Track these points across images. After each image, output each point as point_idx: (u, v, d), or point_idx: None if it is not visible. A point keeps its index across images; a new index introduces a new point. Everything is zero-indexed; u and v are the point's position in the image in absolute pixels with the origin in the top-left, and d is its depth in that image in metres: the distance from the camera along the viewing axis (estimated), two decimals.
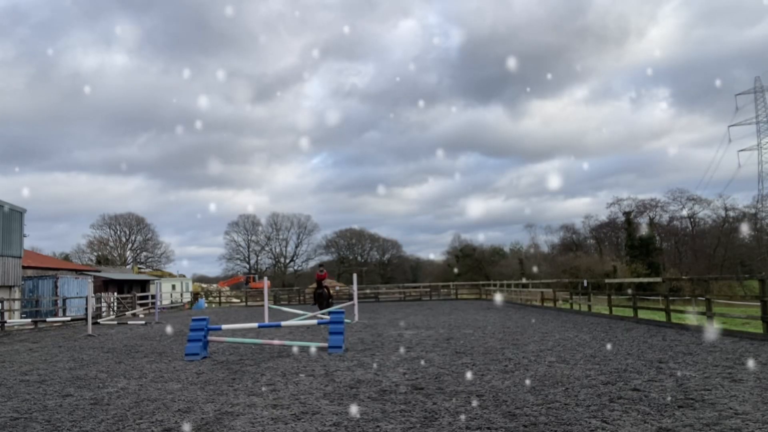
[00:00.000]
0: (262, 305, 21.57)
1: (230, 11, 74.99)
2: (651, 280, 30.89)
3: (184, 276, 61.94)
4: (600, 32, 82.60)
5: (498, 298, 34.23)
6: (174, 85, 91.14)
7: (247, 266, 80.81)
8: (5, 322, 21.45)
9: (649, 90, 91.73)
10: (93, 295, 22.36)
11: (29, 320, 22.72)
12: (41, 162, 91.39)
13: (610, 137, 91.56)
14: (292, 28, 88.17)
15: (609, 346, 10.94)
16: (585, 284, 23.51)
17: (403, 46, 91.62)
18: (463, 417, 5.72)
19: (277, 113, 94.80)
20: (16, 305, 26.15)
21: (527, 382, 7.47)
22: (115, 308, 32.97)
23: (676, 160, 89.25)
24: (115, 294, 35.81)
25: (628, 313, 18.97)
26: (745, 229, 58.15)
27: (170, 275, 61.51)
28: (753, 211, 61.86)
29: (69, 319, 24.17)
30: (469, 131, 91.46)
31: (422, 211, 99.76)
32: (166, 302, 43.00)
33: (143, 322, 23.31)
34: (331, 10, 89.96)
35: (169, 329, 18.18)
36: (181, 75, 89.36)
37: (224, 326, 12.44)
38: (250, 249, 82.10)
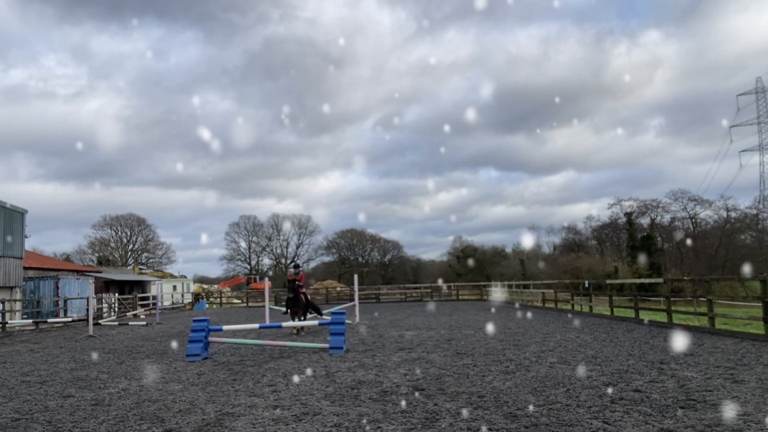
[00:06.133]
0: (263, 306, 21.58)
1: (310, 61, 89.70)
2: (653, 281, 30.82)
3: (185, 277, 61.98)
4: (609, 87, 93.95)
5: (497, 295, 34.22)
6: (246, 115, 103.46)
7: (248, 267, 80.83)
8: (6, 323, 21.47)
9: (647, 123, 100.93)
10: (94, 296, 22.37)
11: (30, 321, 22.73)
12: (115, 179, 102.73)
13: (613, 155, 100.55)
14: (364, 83, 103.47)
15: (610, 348, 10.92)
16: (586, 285, 23.45)
17: (450, 94, 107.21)
18: (464, 418, 5.71)
19: (331, 141, 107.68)
20: (18, 306, 26.18)
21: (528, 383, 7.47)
22: (116, 309, 32.99)
23: (675, 176, 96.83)
24: (116, 295, 35.84)
25: (630, 313, 18.95)
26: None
27: (171, 276, 61.57)
28: (755, 212, 61.78)
29: (70, 320, 24.17)
30: (490, 153, 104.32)
31: (435, 216, 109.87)
32: (167, 303, 43.03)
33: (144, 322, 23.32)
34: (400, 74, 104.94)
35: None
36: (252, 106, 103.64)
37: (225, 327, 12.45)
38: (251, 250, 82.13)
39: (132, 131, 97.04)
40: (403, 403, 6.50)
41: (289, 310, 15.99)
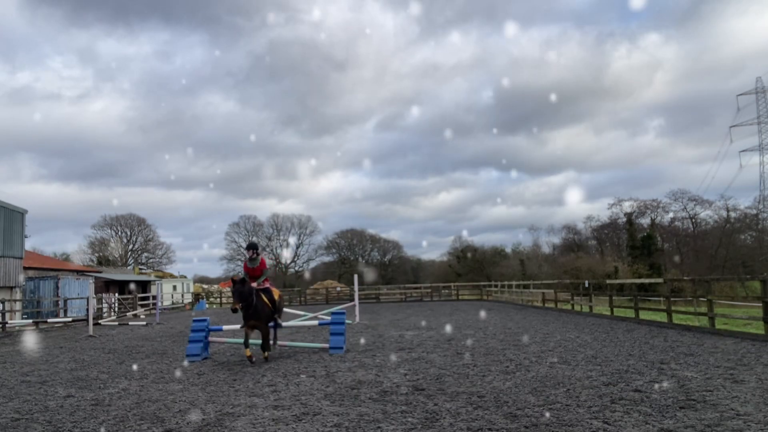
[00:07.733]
0: None
1: (314, 65, 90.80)
2: (652, 281, 30.82)
3: (185, 277, 61.98)
4: (609, 88, 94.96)
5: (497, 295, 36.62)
6: (249, 117, 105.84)
7: None
8: (6, 323, 21.46)
9: (647, 123, 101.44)
10: (94, 295, 22.37)
11: (30, 321, 22.73)
12: (118, 180, 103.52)
13: (613, 156, 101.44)
14: (366, 85, 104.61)
15: (609, 348, 10.92)
16: (586, 285, 23.44)
17: (451, 95, 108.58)
18: (464, 418, 5.71)
19: (333, 142, 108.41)
20: (18, 306, 26.17)
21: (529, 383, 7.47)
22: (116, 309, 32.98)
23: (675, 176, 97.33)
24: (116, 295, 35.84)
25: (630, 313, 18.95)
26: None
27: (171, 276, 61.55)
28: (755, 212, 61.76)
29: (70, 319, 24.17)
30: (491, 153, 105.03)
31: (436, 217, 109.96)
32: (167, 303, 43.02)
33: (144, 322, 23.31)
34: (402, 75, 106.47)
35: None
36: (255, 108, 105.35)
37: (225, 327, 12.44)
38: None
39: (135, 132, 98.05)
40: (403, 403, 6.50)
41: (245, 325, 10.24)
